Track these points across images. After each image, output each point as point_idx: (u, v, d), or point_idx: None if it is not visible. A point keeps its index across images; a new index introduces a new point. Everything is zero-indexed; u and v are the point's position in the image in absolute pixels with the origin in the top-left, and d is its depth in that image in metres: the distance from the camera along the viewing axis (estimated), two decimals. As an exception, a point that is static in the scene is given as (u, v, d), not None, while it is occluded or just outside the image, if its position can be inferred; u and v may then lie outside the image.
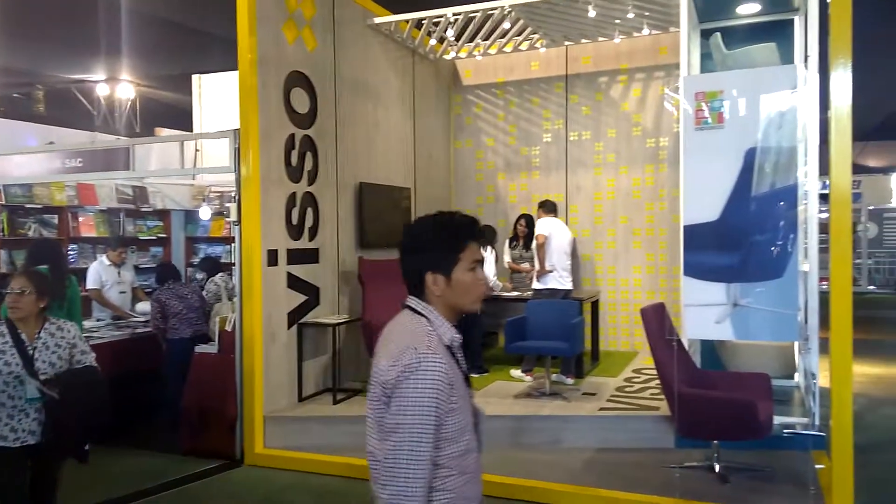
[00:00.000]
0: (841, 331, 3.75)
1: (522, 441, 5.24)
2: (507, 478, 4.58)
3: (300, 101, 5.77)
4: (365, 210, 6.58)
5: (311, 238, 5.88)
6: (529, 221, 7.31)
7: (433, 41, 7.37)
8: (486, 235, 6.71)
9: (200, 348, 5.48)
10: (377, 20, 6.82)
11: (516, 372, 6.48)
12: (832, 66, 3.78)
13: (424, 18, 6.84)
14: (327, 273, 6.12)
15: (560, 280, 6.58)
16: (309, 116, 5.87)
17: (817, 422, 4.97)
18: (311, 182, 5.87)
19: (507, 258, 7.41)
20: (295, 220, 5.66)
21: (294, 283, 5.65)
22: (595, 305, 7.31)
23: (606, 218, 8.02)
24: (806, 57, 5.45)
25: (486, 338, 8.19)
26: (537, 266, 6.67)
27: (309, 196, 5.84)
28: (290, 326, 5.61)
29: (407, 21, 6.92)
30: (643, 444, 5.14)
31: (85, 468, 3.37)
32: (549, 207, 6.90)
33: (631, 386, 6.20)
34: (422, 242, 1.80)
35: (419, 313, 1.77)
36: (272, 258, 5.39)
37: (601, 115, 8.00)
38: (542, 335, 6.01)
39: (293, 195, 5.65)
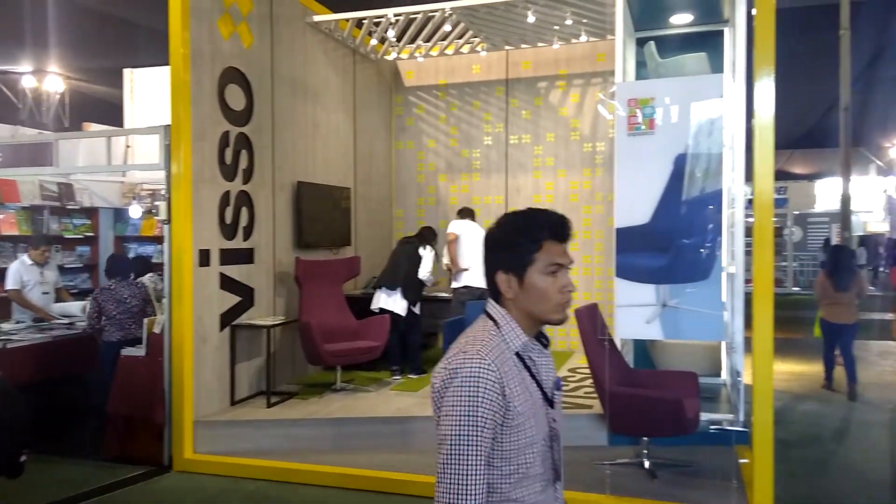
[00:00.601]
0: (763, 330, 3.91)
1: (459, 441, 5.26)
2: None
3: (235, 98, 5.64)
4: (303, 210, 6.49)
5: (246, 238, 5.76)
6: (470, 214, 7.39)
7: (374, 41, 7.33)
8: (425, 235, 6.74)
9: (127, 351, 5.29)
10: (317, 18, 6.74)
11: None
12: (756, 76, 3.94)
13: (365, 18, 6.80)
14: (262, 274, 6.00)
15: (476, 278, 6.62)
16: (244, 114, 5.75)
17: (742, 418, 5.15)
18: (246, 181, 5.75)
19: (445, 259, 7.42)
20: (229, 220, 5.53)
21: (227, 283, 5.52)
22: (533, 306, 7.41)
23: (545, 220, 8.12)
24: (733, 67, 5.67)
25: (427, 338, 8.20)
26: (459, 264, 6.80)
27: (244, 195, 5.72)
28: (222, 328, 5.47)
29: (347, 20, 6.86)
30: (577, 441, 5.22)
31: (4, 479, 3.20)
32: (465, 213, 7.08)
33: (566, 385, 6.30)
34: (497, 238, 1.63)
35: (491, 317, 1.61)
36: (204, 258, 5.25)
37: (540, 119, 8.12)
38: (479, 336, 6.06)
39: (227, 194, 5.52)
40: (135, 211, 8.15)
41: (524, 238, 1.59)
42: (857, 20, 13.52)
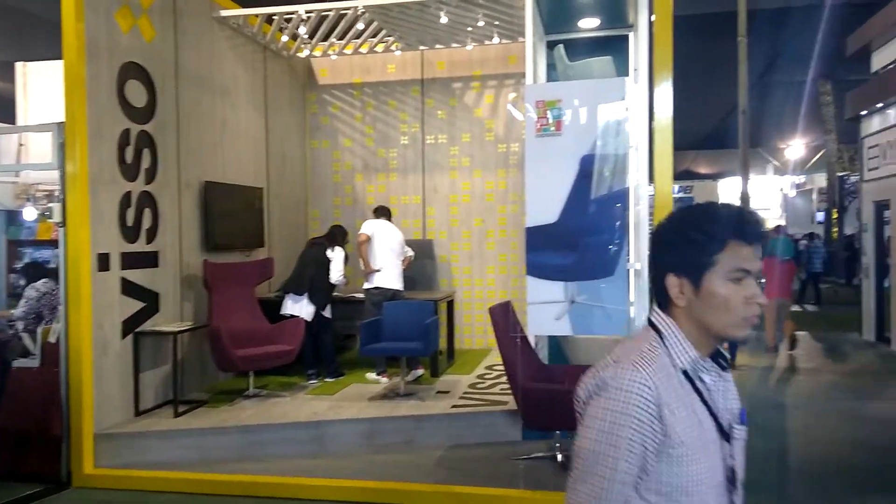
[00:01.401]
0: (663, 324, 4.06)
1: (376, 443, 5.23)
2: (359, 481, 4.54)
3: (136, 95, 5.39)
4: (211, 211, 6.27)
5: (150, 240, 5.51)
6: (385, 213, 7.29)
7: (285, 38, 7.17)
8: (334, 235, 6.60)
9: (20, 363, 4.96)
10: (224, 13, 6.53)
11: (371, 375, 6.46)
12: (656, 80, 4.10)
13: (275, 14, 6.64)
14: (168, 278, 5.76)
15: (388, 279, 6.52)
16: (147, 111, 5.50)
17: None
18: (149, 181, 5.51)
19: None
20: (130, 222, 5.28)
21: (129, 289, 5.27)
22: (451, 305, 7.46)
23: (462, 220, 8.20)
24: (635, 70, 5.88)
25: (346, 340, 8.11)
26: (371, 265, 6.62)
27: (146, 195, 5.47)
28: (124, 336, 5.22)
29: (257, 16, 6.68)
30: (493, 438, 5.30)
31: None
32: (381, 212, 6.90)
33: (483, 382, 6.37)
34: (667, 235, 1.38)
35: (654, 326, 1.38)
36: (103, 262, 4.99)
37: (456, 119, 8.18)
38: (396, 336, 6.04)
39: (128, 195, 5.26)
40: (29, 213, 7.64)
41: (704, 236, 1.32)
42: (754, 28, 14.34)
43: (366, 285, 6.58)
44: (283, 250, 7.74)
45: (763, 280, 9.49)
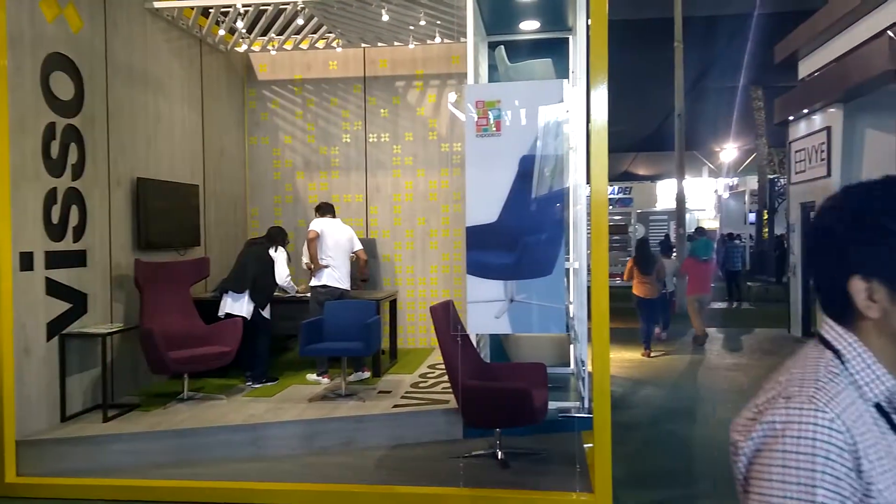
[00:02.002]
0: (600, 320, 4.15)
1: (316, 445, 5.16)
2: (298, 484, 4.48)
3: (62, 87, 5.17)
4: (143, 208, 6.07)
5: (77, 239, 5.30)
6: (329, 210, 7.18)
7: (222, 31, 6.99)
8: (274, 236, 6.44)
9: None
10: (157, 4, 6.32)
11: (312, 376, 6.37)
12: (592, 83, 4.17)
13: (211, 7, 6.48)
14: (97, 277, 5.54)
15: (336, 278, 6.42)
16: (74, 104, 5.28)
17: (587, 405, 5.46)
18: (76, 177, 5.29)
19: (304, 259, 7.22)
20: (56, 219, 5.06)
21: (55, 289, 5.05)
22: (393, 304, 7.43)
23: (405, 219, 8.19)
24: (572, 73, 6.00)
25: (286, 342, 7.98)
26: (314, 263, 6.50)
27: (74, 192, 5.25)
28: (49, 338, 5.00)
29: (192, 8, 6.50)
30: (434, 437, 5.31)
31: None
32: (325, 209, 6.72)
33: (425, 381, 6.37)
34: (844, 225, 1.05)
35: (828, 345, 1.06)
36: (26, 262, 4.76)
37: (399, 118, 8.15)
38: (338, 336, 5.97)
39: (53, 191, 5.04)
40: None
41: None
42: (690, 35, 14.79)
43: (312, 282, 6.44)
44: (220, 249, 7.56)
45: (686, 278, 10.44)
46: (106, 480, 4.58)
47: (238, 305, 6.14)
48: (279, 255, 6.33)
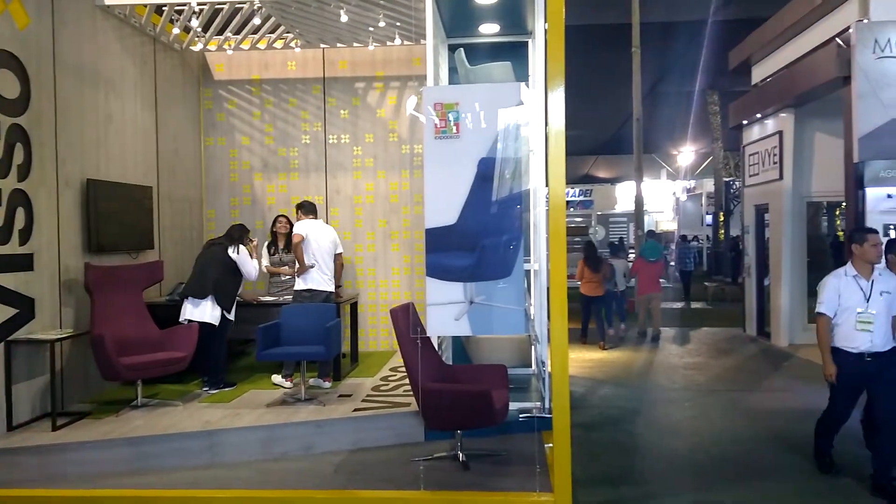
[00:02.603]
0: (558, 321, 4.17)
1: (274, 450, 5.08)
2: (254, 491, 4.40)
3: (7, 85, 4.99)
4: (94, 210, 5.89)
5: (23, 242, 5.11)
6: (289, 221, 7.10)
7: (176, 30, 6.85)
8: (234, 235, 6.29)
9: None
10: (108, 1, 6.16)
11: (277, 378, 6.27)
12: (549, 87, 4.19)
13: (165, 4, 6.34)
14: (45, 282, 5.36)
15: (323, 281, 6.32)
16: (19, 103, 5.10)
17: (548, 405, 5.49)
18: (21, 178, 5.11)
19: (265, 262, 7.11)
20: (0, 222, 4.87)
21: (0, 294, 4.86)
22: (354, 307, 7.37)
23: (366, 221, 8.13)
24: (529, 77, 6.05)
25: (244, 345, 7.86)
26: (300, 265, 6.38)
27: (19, 194, 5.07)
28: (-6, 345, 4.82)
29: (145, 6, 6.35)
30: (395, 440, 5.28)
31: None
32: (307, 209, 6.59)
33: (387, 384, 6.33)
34: None
35: None
36: (-32, 266, 4.58)
37: (359, 119, 8.10)
38: (297, 340, 5.88)
39: (-2, 192, 4.87)
40: None
41: None
42: (648, 40, 15.06)
43: (298, 285, 6.32)
44: (175, 252, 7.39)
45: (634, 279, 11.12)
46: (55, 491, 4.44)
47: (200, 311, 6.00)
48: (241, 256, 6.18)
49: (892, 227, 7.75)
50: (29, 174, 5.18)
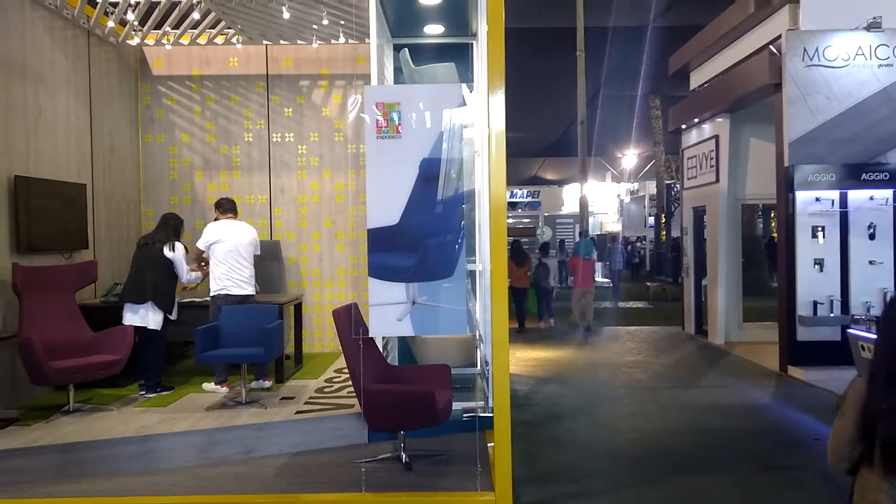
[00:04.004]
0: (499, 321, 4.21)
1: (213, 455, 4.97)
2: (191, 497, 4.29)
3: (-73, 76, 4.75)
4: (23, 208, 5.66)
5: (-56, 242, 4.88)
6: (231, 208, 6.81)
7: (112, 23, 6.62)
8: (168, 226, 6.06)
9: None
10: (38, -9, 5.93)
11: (209, 385, 6.10)
12: (490, 88, 4.23)
13: (99, -3, 6.13)
14: (-31, 283, 5.13)
15: (236, 284, 6.04)
16: (-60, 95, 4.86)
17: (491, 404, 5.53)
18: (-58, 174, 4.87)
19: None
20: (-82, 220, 4.64)
21: (-83, 296, 4.63)
22: (298, 308, 7.27)
23: (311, 221, 8.04)
24: (471, 79, 6.10)
25: (185, 347, 7.66)
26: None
27: (-60, 191, 4.84)
28: (-90, 350, 4.58)
29: (78, -3, 6.13)
30: (338, 442, 5.23)
31: None
32: (226, 207, 6.25)
33: (331, 386, 6.28)
34: None
35: None
36: None
37: (304, 118, 8.00)
38: (236, 342, 5.77)
39: (-85, 189, 4.62)
40: None
41: None
42: (592, 45, 15.36)
43: (211, 290, 6.08)
44: (111, 252, 7.16)
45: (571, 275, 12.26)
46: (-23, 503, 4.24)
47: (140, 317, 5.80)
48: (178, 253, 5.97)
49: (819, 228, 8.11)
50: (-50, 170, 4.94)
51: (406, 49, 5.88)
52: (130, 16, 6.29)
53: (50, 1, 6.06)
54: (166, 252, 5.93)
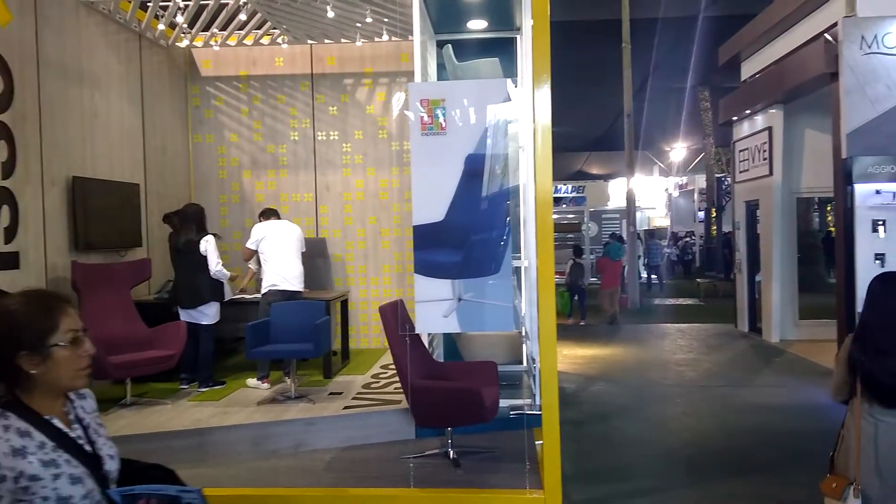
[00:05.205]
0: (546, 318, 4.16)
1: (264, 448, 5.06)
2: (243, 489, 4.37)
3: (-9, 82, 4.94)
4: (81, 208, 5.84)
5: (9, 240, 5.06)
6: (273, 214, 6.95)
7: (162, 26, 6.78)
8: (191, 219, 6.12)
9: None
10: (92, -2, 6.11)
11: (252, 381, 6.19)
12: (535, 83, 4.17)
13: (150, 0, 6.27)
14: (31, 280, 5.30)
15: (286, 280, 6.20)
16: (3, 100, 5.04)
17: (539, 402, 5.48)
18: (6, 176, 5.05)
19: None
20: (-16, 220, 4.83)
21: (-16, 293, 4.82)
22: (345, 304, 7.34)
23: (356, 218, 8.10)
24: (516, 74, 6.03)
25: (235, 343, 7.81)
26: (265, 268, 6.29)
27: (4, 192, 5.02)
28: (-22, 345, 4.76)
29: (129, 1, 6.28)
30: (386, 437, 5.26)
31: None
32: (268, 215, 6.53)
33: (378, 382, 6.32)
34: None
35: None
36: (-48, 265, 4.53)
37: (348, 116, 8.06)
38: (286, 338, 5.85)
39: (-18, 191, 4.81)
40: None
41: None
42: (639, 36, 15.05)
43: (262, 287, 6.24)
44: (163, 250, 7.32)
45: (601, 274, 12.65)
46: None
47: (197, 311, 5.96)
48: (209, 244, 6.03)
49: (880, 222, 7.78)
50: (13, 172, 5.13)
51: (449, 45, 5.86)
52: (180, 18, 6.43)
53: (103, 6, 6.23)
54: (202, 250, 6.01)
